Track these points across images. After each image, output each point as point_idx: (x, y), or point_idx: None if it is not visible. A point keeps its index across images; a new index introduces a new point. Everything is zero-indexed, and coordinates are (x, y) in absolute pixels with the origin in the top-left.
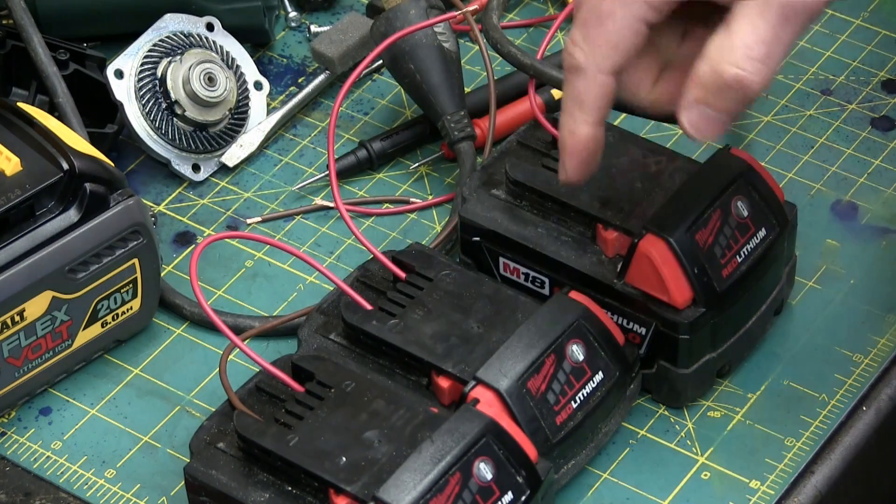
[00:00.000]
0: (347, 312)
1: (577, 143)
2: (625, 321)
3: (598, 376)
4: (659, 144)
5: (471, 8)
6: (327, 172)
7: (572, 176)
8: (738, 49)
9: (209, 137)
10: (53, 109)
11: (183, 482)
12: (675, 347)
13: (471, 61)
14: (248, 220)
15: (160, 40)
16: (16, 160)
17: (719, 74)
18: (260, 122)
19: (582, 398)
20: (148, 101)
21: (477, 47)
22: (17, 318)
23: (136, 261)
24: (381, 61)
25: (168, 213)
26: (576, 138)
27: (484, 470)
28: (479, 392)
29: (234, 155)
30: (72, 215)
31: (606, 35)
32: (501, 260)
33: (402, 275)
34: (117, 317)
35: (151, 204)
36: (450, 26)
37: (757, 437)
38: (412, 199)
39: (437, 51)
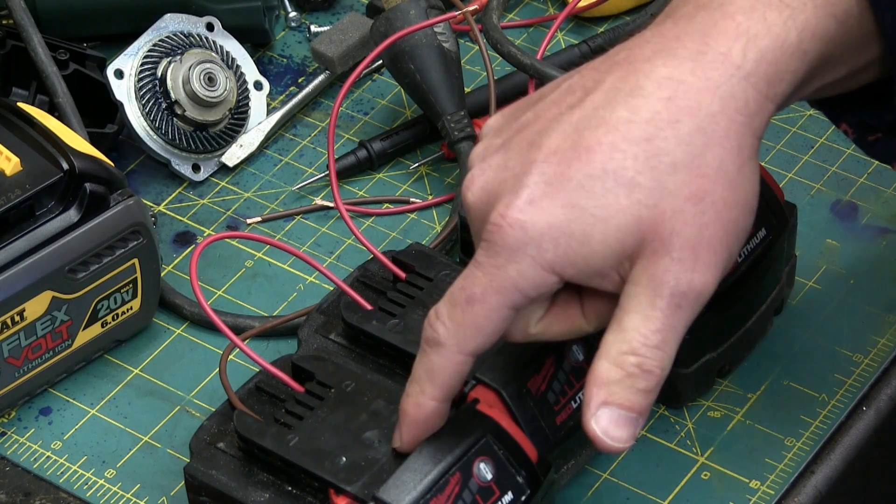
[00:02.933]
0: (347, 312)
1: (420, 416)
2: None
3: None
4: None
5: (471, 8)
6: (327, 172)
7: (407, 446)
8: (634, 339)
9: (209, 137)
10: (53, 109)
11: (183, 482)
12: None
13: (471, 61)
14: (248, 220)
15: (160, 40)
16: (16, 160)
17: (620, 367)
18: (260, 122)
19: (582, 398)
20: (148, 101)
21: (477, 47)
22: (17, 318)
23: (136, 261)
24: (381, 61)
25: (168, 213)
26: (421, 411)
27: (484, 470)
28: (479, 392)
29: (234, 155)
30: (72, 215)
31: (473, 318)
32: None
33: (403, 275)
34: (117, 317)
35: (151, 204)
36: (450, 26)
37: (757, 437)
38: (412, 199)
39: (437, 51)
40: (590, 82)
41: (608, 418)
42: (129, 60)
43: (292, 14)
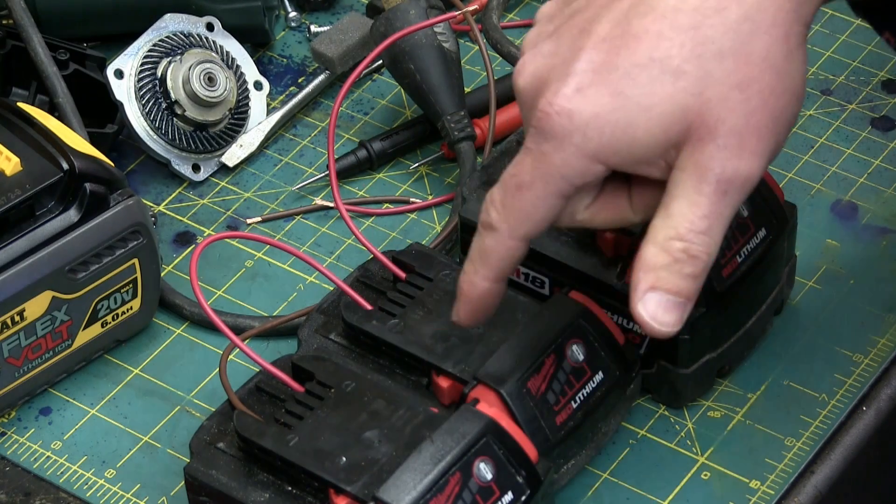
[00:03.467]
0: (347, 312)
1: (474, 295)
2: (625, 321)
3: (598, 376)
4: None
5: (471, 8)
6: (327, 172)
7: (465, 321)
8: (682, 225)
9: (209, 137)
10: (53, 109)
11: (183, 482)
12: (675, 347)
13: (471, 61)
14: (248, 220)
15: (160, 40)
16: (16, 160)
17: (667, 252)
18: (260, 122)
19: (582, 398)
20: (148, 101)
21: (477, 47)
22: (17, 318)
23: (136, 261)
24: (381, 61)
25: (168, 213)
26: (474, 289)
27: (484, 470)
28: (479, 392)
29: (234, 155)
30: (72, 215)
31: (523, 204)
32: None
33: (402, 275)
34: (117, 317)
35: (151, 204)
36: (450, 26)
37: (757, 437)
38: (412, 199)
39: (437, 51)
40: None
41: (656, 303)
42: (129, 60)
43: (292, 14)
